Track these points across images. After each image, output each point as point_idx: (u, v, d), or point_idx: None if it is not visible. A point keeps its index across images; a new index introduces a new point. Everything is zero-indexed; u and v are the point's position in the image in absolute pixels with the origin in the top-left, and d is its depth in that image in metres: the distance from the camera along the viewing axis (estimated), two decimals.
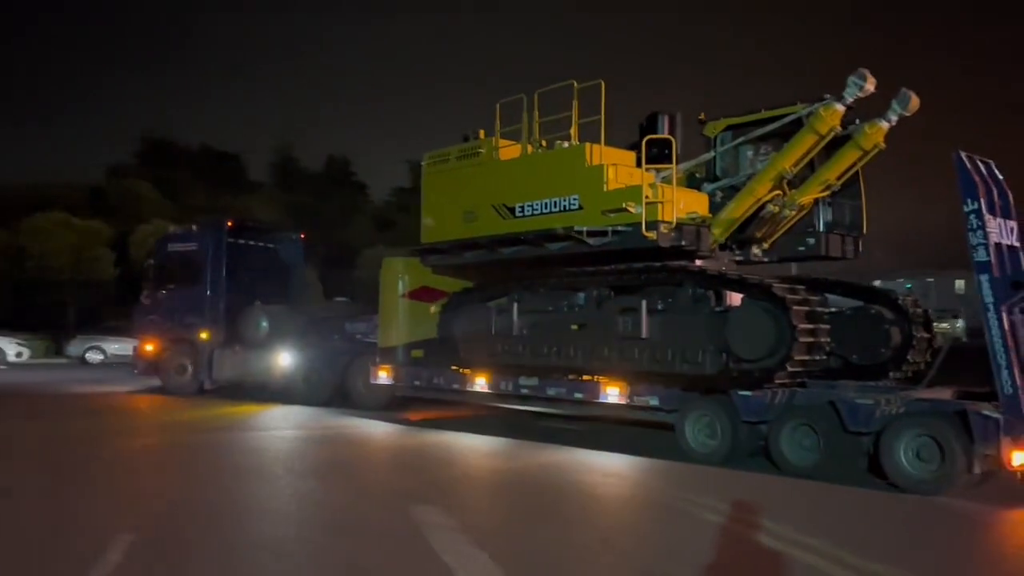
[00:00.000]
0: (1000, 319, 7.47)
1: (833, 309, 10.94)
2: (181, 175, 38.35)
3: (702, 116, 11.41)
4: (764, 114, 10.41)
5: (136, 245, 28.73)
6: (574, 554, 5.93)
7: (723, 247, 10.83)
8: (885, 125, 9.63)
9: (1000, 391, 7.42)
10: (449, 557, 5.62)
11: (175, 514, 6.92)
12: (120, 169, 39.06)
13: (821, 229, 10.65)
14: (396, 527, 6.56)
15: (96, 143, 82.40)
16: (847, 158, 9.94)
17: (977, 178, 7.71)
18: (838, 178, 10.13)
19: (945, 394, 8.66)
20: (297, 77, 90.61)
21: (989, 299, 7.52)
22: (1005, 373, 7.38)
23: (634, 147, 10.93)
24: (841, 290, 11.04)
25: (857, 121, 9.87)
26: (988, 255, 7.55)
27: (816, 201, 10.44)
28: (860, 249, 11.12)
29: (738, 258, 11.07)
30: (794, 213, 10.40)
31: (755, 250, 10.93)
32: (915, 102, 9.50)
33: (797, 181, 10.23)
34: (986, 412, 7.49)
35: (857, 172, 10.46)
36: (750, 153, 10.90)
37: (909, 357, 10.19)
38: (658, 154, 10.23)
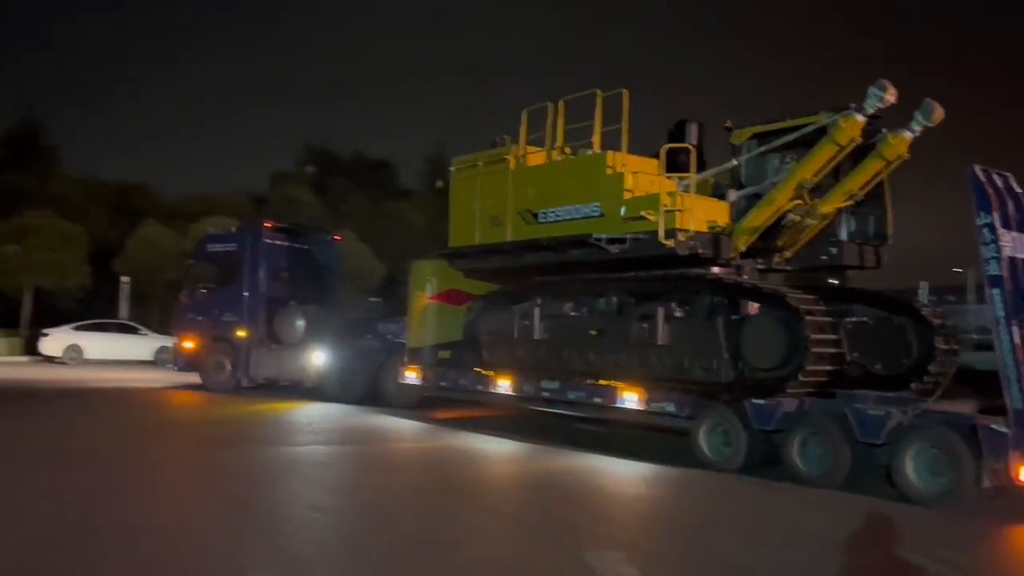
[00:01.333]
0: (1011, 333, 7.43)
1: (855, 319, 11.01)
2: (338, 182, 38.59)
3: (728, 124, 11.45)
4: (788, 123, 10.40)
5: None
6: None
7: (746, 255, 10.87)
8: (908, 135, 9.59)
9: (1010, 406, 7.38)
10: None
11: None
12: (282, 176, 39.39)
13: (844, 238, 10.64)
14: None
15: (264, 156, 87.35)
16: (870, 168, 9.91)
17: (991, 191, 7.67)
18: (861, 188, 10.12)
19: (962, 407, 8.60)
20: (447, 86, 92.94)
21: (1001, 313, 7.49)
22: (1015, 388, 7.34)
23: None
24: (865, 300, 10.98)
25: (884, 131, 9.86)
26: (1000, 269, 7.51)
27: (840, 210, 10.44)
28: (884, 259, 11.08)
29: (761, 266, 11.10)
30: (816, 222, 10.41)
31: (777, 259, 10.97)
32: (939, 113, 9.44)
33: (821, 190, 10.26)
34: (995, 426, 7.46)
35: (882, 182, 10.45)
36: (776, 162, 10.91)
37: (931, 368, 10.11)
38: (679, 162, 10.33)
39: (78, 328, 24.85)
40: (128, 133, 78.25)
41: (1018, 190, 8.10)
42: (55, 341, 24.45)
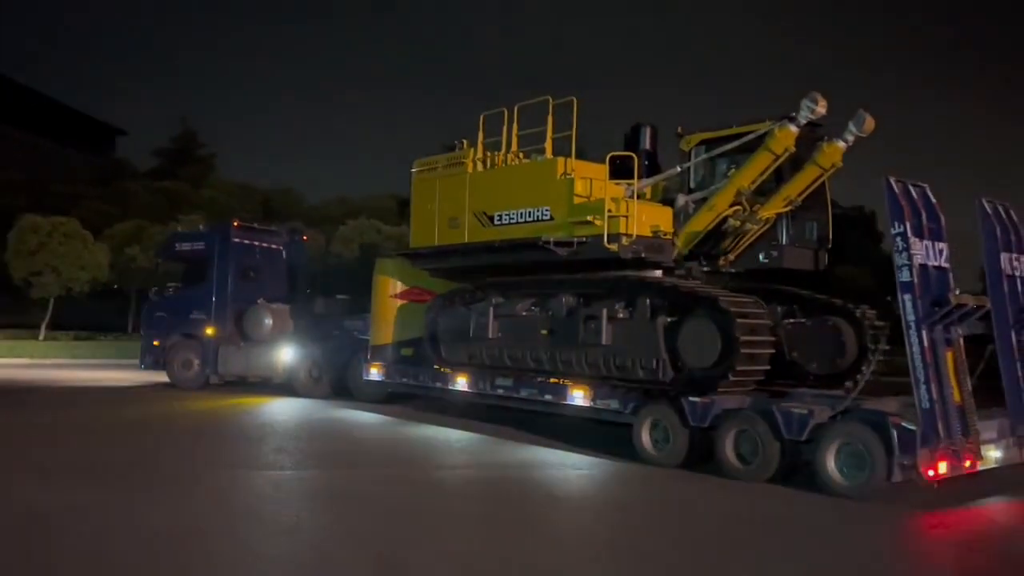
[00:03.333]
0: (921, 337, 7.88)
1: (793, 320, 11.44)
2: None
3: (680, 129, 11.85)
4: (735, 130, 10.79)
5: None
6: None
7: (691, 258, 11.30)
8: (842, 145, 10.03)
9: (918, 405, 7.83)
10: None
11: None
12: None
13: (784, 242, 11.06)
14: None
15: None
16: (807, 175, 10.34)
17: (904, 202, 8.10)
18: (799, 194, 10.52)
19: (886, 405, 9.04)
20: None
21: (911, 317, 7.92)
22: (923, 388, 7.78)
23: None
24: (803, 302, 11.42)
25: (827, 138, 10.29)
26: (912, 276, 7.95)
27: (781, 215, 10.85)
28: (824, 262, 11.52)
29: (706, 268, 11.53)
30: (757, 227, 10.82)
31: (722, 262, 11.38)
32: (870, 123, 9.89)
33: (764, 195, 10.67)
34: (905, 424, 7.91)
35: (824, 187, 10.89)
36: (724, 167, 11.31)
37: (864, 368, 10.56)
38: (623, 168, 10.72)
39: None
40: (279, 140, 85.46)
41: (934, 201, 8.55)
42: None
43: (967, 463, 8.06)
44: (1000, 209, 9.30)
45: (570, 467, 9.98)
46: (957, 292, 8.15)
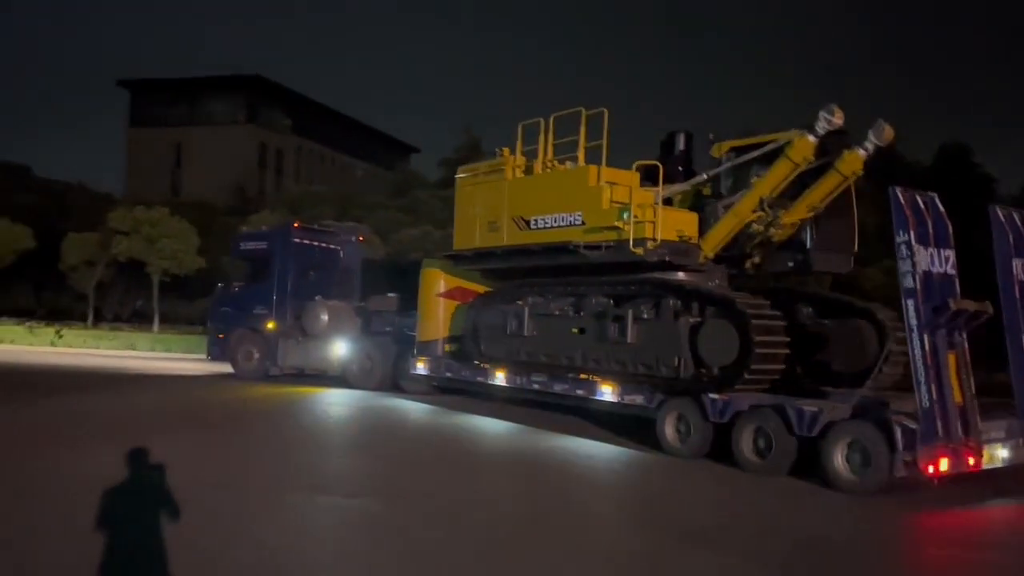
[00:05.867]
0: (922, 340, 8.27)
1: (816, 322, 11.86)
2: None
3: (711, 136, 12.33)
4: (761, 138, 11.26)
5: None
6: None
7: (718, 262, 11.79)
8: (862, 153, 10.41)
9: (919, 404, 8.24)
10: None
11: None
12: None
13: (809, 246, 11.47)
14: None
15: None
16: (829, 183, 10.73)
17: (909, 211, 8.49)
18: (822, 201, 10.93)
19: (907, 405, 9.38)
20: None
21: (914, 322, 8.31)
22: (924, 389, 8.17)
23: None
24: (826, 304, 11.82)
25: (852, 146, 10.67)
26: (914, 282, 8.34)
27: (805, 221, 11.25)
28: (850, 266, 11.88)
29: (733, 272, 12.01)
30: (781, 232, 11.25)
31: (748, 265, 11.85)
32: (889, 132, 10.25)
33: (787, 201, 11.10)
34: (907, 423, 8.32)
35: (850, 192, 11.26)
36: (752, 174, 11.75)
37: (884, 368, 10.92)
38: (654, 175, 11.29)
39: None
40: None
41: (941, 209, 8.90)
42: None
43: (970, 460, 8.42)
44: (1015, 217, 9.58)
45: (598, 458, 10.64)
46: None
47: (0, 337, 27.03)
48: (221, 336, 18.72)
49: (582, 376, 12.09)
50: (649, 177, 11.53)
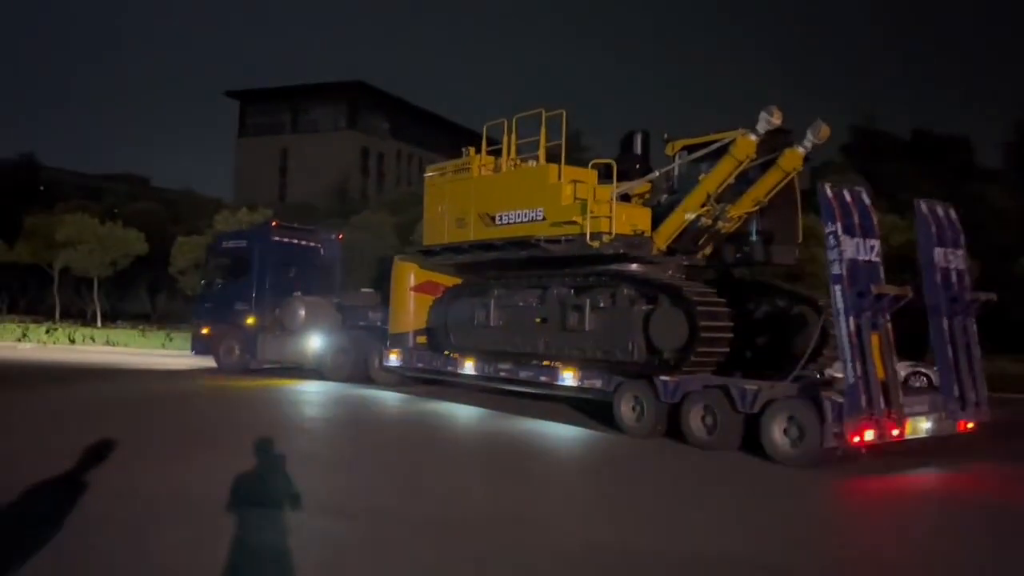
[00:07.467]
0: (848, 322, 9.05)
1: (763, 309, 12.66)
2: (891, 167, 32.53)
3: (665, 135, 13.09)
4: (710, 137, 11.99)
5: None
6: None
7: (672, 253, 12.52)
8: (801, 151, 11.19)
9: (845, 380, 9.02)
10: None
11: None
12: (826, 168, 31.83)
13: (754, 238, 12.23)
14: None
15: None
16: (771, 179, 11.50)
17: (836, 205, 9.26)
18: (766, 195, 11.70)
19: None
20: None
21: (840, 306, 9.10)
22: (849, 366, 8.96)
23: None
24: (771, 292, 12.62)
25: (793, 144, 11.45)
26: (841, 269, 9.12)
27: (750, 214, 12.01)
28: (796, 256, 12.66)
29: (686, 263, 12.76)
30: (729, 225, 12.03)
31: (699, 256, 12.62)
32: (825, 131, 11.03)
33: (732, 195, 11.86)
34: (833, 397, 9.10)
35: (793, 187, 12.03)
36: (700, 171, 12.48)
37: (824, 351, 11.73)
38: (607, 173, 12.02)
39: None
40: None
41: (867, 202, 9.68)
42: None
43: (893, 431, 9.22)
44: (938, 209, 10.40)
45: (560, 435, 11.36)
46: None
47: (115, 341, 27.71)
48: (204, 331, 19.27)
49: (546, 363, 12.80)
50: (608, 175, 12.24)
